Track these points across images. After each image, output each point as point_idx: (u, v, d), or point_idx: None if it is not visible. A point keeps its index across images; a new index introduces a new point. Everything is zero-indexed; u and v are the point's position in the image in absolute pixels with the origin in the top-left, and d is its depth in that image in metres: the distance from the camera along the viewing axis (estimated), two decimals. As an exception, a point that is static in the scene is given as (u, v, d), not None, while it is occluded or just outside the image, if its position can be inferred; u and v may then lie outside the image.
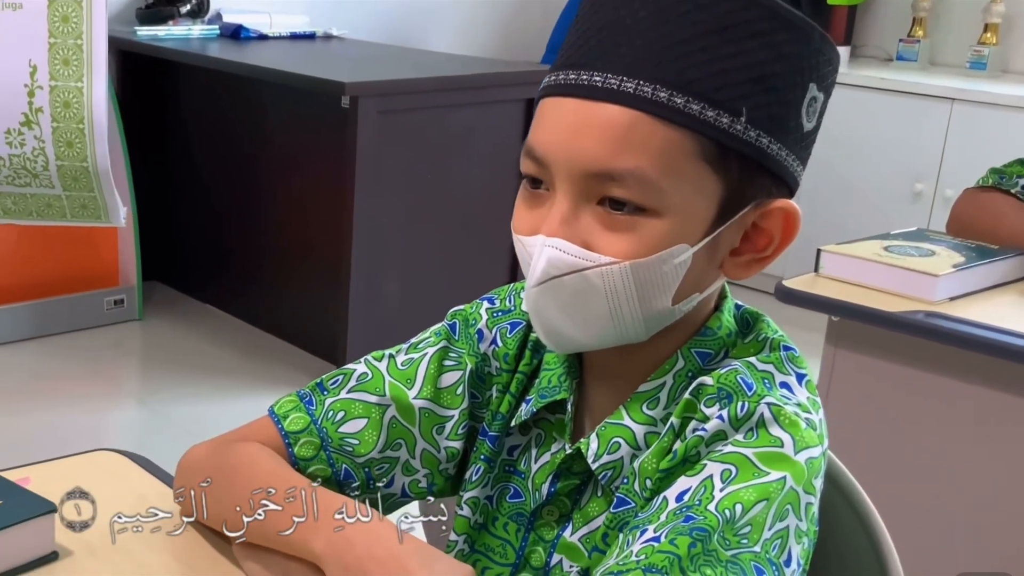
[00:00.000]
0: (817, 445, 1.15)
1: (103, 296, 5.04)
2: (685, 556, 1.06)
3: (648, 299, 1.16)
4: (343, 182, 4.36)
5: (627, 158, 1.12)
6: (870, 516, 1.31)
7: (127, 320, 5.11)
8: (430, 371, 1.38)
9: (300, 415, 1.38)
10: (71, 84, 2.22)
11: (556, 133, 1.16)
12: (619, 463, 1.24)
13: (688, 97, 1.11)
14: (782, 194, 1.20)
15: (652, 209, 1.13)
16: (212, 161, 5.22)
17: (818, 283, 2.50)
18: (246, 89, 4.87)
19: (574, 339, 1.22)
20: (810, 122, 1.19)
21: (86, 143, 2.28)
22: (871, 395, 2.50)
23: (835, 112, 4.37)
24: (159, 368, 4.79)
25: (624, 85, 1.12)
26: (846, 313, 2.42)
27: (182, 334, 5.07)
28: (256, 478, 1.29)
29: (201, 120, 5.26)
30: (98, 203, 2.39)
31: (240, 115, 5.02)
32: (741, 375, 1.19)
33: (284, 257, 4.93)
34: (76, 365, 4.68)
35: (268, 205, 4.98)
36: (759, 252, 1.22)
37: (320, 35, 5.46)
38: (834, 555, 1.32)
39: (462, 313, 1.42)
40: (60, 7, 2.21)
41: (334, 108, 4.29)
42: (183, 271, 5.50)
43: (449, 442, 1.38)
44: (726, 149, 1.13)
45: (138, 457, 1.56)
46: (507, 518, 1.35)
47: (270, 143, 4.89)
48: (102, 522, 1.38)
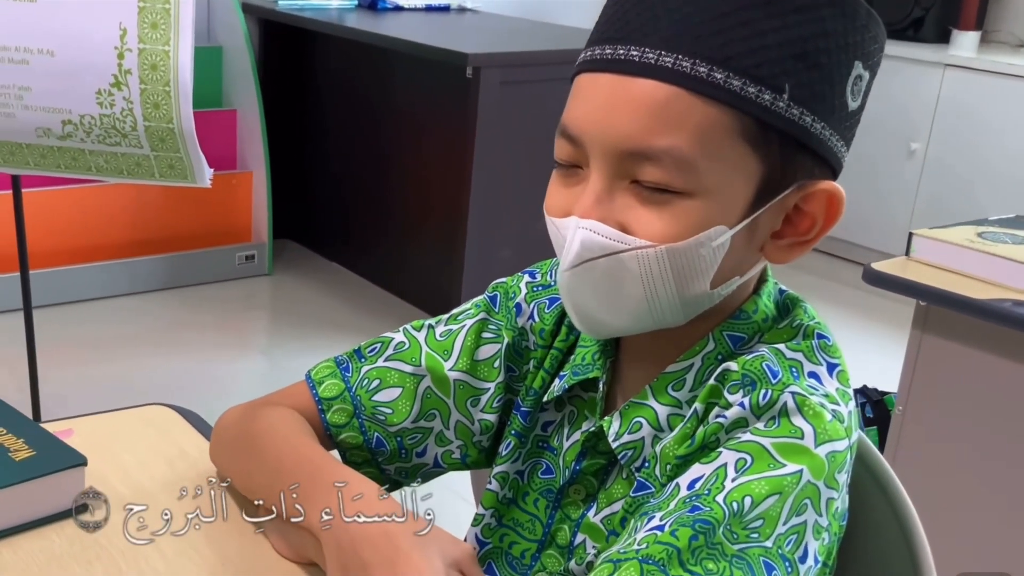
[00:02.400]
0: (842, 439, 1.05)
1: (235, 251, 5.08)
2: (685, 549, 0.97)
3: (685, 283, 1.07)
4: (464, 150, 4.31)
5: (663, 136, 1.02)
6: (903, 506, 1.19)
7: (257, 275, 5.14)
8: (467, 343, 1.31)
9: (335, 381, 1.32)
10: (158, 47, 2.19)
11: (591, 110, 1.07)
12: (640, 444, 1.16)
13: (728, 73, 1.01)
14: (825, 175, 1.09)
15: (689, 191, 1.04)
16: (344, 126, 5.20)
17: (909, 267, 2.38)
18: (377, 58, 4.83)
19: (608, 324, 1.13)
20: (855, 101, 1.08)
21: (172, 105, 2.25)
22: (955, 382, 2.37)
23: (964, 96, 4.25)
24: (284, 322, 4.79)
25: (662, 59, 1.02)
26: (934, 299, 2.30)
27: (308, 290, 5.07)
28: (277, 447, 1.23)
29: (335, 87, 5.25)
30: (184, 163, 2.36)
31: (371, 83, 4.98)
32: (767, 362, 1.09)
33: (406, 220, 4.89)
34: (206, 316, 4.72)
35: (393, 170, 4.94)
36: (801, 235, 1.12)
37: (455, 8, 5.41)
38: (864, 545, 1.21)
39: (503, 286, 1.35)
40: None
41: (459, 78, 4.23)
42: (313, 230, 5.50)
43: (484, 414, 1.31)
44: (767, 127, 1.03)
45: (188, 412, 1.51)
46: (538, 494, 1.28)
47: (398, 110, 4.85)
48: (134, 475, 1.33)
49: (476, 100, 4.20)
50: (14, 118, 2.31)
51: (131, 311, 4.68)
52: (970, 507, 2.38)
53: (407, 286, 4.89)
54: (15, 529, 1.20)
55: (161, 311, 4.72)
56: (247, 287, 5.05)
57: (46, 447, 1.27)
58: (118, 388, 3.88)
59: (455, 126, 4.39)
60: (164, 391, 3.78)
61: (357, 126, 5.10)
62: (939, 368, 2.38)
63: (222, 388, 3.83)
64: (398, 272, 4.97)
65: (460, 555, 1.07)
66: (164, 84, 2.22)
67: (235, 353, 4.43)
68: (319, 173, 5.41)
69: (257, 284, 5.09)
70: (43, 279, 4.51)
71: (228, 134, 5.10)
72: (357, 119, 5.09)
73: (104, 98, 2.26)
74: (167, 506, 1.25)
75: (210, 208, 5.01)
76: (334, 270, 5.29)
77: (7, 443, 1.26)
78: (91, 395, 3.77)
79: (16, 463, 1.22)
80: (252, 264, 5.11)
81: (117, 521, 1.22)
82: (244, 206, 5.11)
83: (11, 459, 1.23)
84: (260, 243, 5.13)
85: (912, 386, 2.42)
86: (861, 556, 1.21)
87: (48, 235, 4.57)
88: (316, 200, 5.45)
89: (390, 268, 5.02)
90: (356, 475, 1.15)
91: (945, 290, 2.26)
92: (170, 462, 1.38)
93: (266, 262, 5.15)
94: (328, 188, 5.38)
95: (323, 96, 5.30)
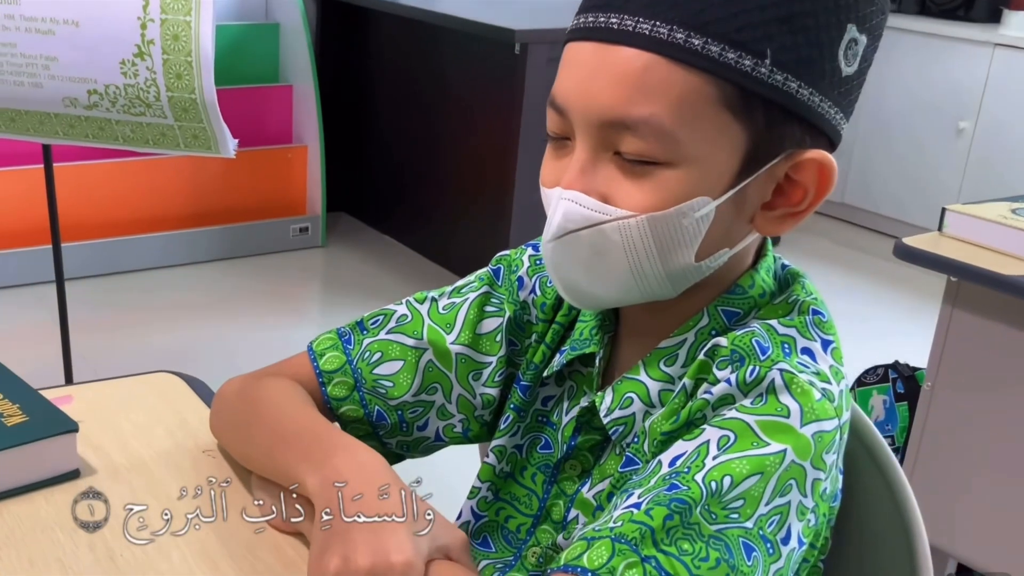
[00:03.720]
0: (831, 418, 0.98)
1: (290, 224, 5.07)
2: (659, 528, 0.91)
3: (668, 254, 1.01)
4: (511, 125, 4.28)
5: (641, 105, 0.96)
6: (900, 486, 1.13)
7: (310, 247, 5.13)
8: (470, 316, 1.26)
9: (336, 354, 1.27)
10: (180, 18, 2.15)
11: (574, 80, 1.01)
12: (631, 419, 1.10)
13: (706, 38, 0.94)
14: (819, 144, 1.02)
15: (670, 161, 0.98)
16: (396, 102, 5.17)
17: (941, 242, 2.31)
18: (429, 34, 4.79)
19: (595, 296, 1.08)
20: (850, 66, 1.00)
21: (194, 76, 2.22)
22: (985, 358, 2.29)
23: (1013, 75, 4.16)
24: (336, 292, 4.78)
25: (640, 26, 0.96)
26: (963, 274, 2.22)
27: (360, 261, 5.04)
28: (275, 418, 1.18)
29: (388, 63, 5.21)
30: (208, 134, 2.32)
31: (422, 59, 4.94)
32: (757, 337, 1.02)
33: (454, 193, 4.85)
34: (260, 286, 4.71)
35: (443, 144, 4.90)
36: (794, 206, 1.05)
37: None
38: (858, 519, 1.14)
39: (507, 258, 1.29)
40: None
41: (507, 54, 4.20)
42: (365, 203, 5.48)
43: (485, 388, 1.25)
44: (749, 94, 0.96)
45: (194, 380, 1.47)
46: (535, 468, 1.23)
47: (448, 86, 4.81)
48: (130, 443, 1.30)
49: (523, 76, 4.17)
50: (41, 88, 2.29)
51: (189, 280, 4.69)
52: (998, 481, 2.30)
53: (455, 258, 4.85)
54: (3, 494, 1.16)
55: (217, 281, 4.72)
56: (301, 258, 5.04)
57: (40, 413, 1.23)
58: (171, 355, 3.88)
59: (503, 102, 4.35)
60: (216, 358, 3.80)
61: (409, 102, 5.07)
62: (969, 344, 2.30)
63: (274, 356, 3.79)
64: (447, 244, 4.94)
65: (451, 541, 1.03)
66: (186, 55, 2.18)
67: (288, 322, 4.40)
68: (372, 147, 5.37)
69: (311, 255, 5.08)
70: (106, 248, 4.56)
71: (284, 109, 5.10)
72: (409, 95, 5.06)
73: (128, 68, 2.22)
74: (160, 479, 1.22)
75: (266, 181, 5.03)
76: (385, 242, 5.27)
77: (2, 408, 1.23)
78: (143, 361, 3.76)
79: (7, 428, 1.19)
80: (306, 236, 5.10)
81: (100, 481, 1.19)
82: (299, 180, 5.10)
83: (3, 424, 1.19)
84: (314, 215, 5.12)
85: (942, 361, 2.34)
86: (855, 537, 1.14)
87: (113, 206, 4.62)
88: (369, 174, 5.42)
89: (439, 240, 5.00)
90: (357, 444, 1.10)
91: (976, 266, 2.19)
92: (170, 431, 1.33)
93: (320, 234, 5.14)
94: (380, 162, 5.34)
95: (376, 72, 5.27)
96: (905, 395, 2.79)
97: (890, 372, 2.85)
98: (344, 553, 0.96)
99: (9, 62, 2.27)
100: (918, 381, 2.75)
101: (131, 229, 4.70)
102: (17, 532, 1.11)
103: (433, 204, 5.01)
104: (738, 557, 0.91)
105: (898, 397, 2.80)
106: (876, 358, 2.96)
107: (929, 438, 2.40)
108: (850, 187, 5.88)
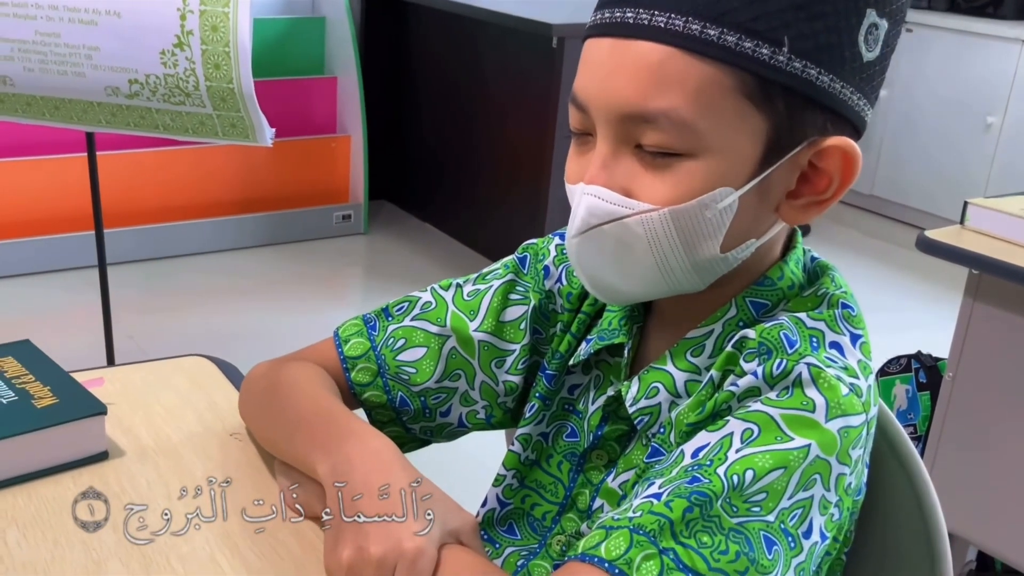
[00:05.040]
0: (858, 413, 0.95)
1: (333, 211, 5.07)
2: (679, 520, 0.88)
3: (693, 246, 0.98)
4: (548, 117, 4.25)
5: (660, 98, 0.93)
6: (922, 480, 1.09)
7: (353, 233, 5.13)
8: (494, 304, 1.23)
9: (361, 340, 1.24)
10: (218, 9, 2.14)
11: (593, 76, 0.98)
12: (656, 409, 1.07)
13: (723, 29, 0.91)
14: (844, 132, 0.98)
15: (691, 152, 0.95)
16: (437, 93, 5.15)
17: (963, 236, 2.27)
18: (469, 28, 4.77)
19: (622, 290, 1.04)
20: (871, 51, 0.96)
21: (232, 66, 2.20)
22: (1005, 349, 2.25)
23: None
24: (377, 277, 4.77)
25: (655, 19, 0.93)
26: (985, 267, 2.18)
27: (401, 247, 5.03)
28: (293, 403, 1.16)
29: (429, 56, 5.19)
30: (245, 123, 2.30)
31: (463, 52, 4.92)
32: (785, 331, 0.99)
33: (492, 183, 4.83)
34: (304, 270, 4.71)
35: (482, 135, 4.87)
36: (819, 194, 1.01)
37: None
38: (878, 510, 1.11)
39: (534, 247, 1.26)
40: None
41: (545, 48, 4.18)
42: (406, 191, 5.47)
43: (508, 376, 1.23)
44: (768, 83, 0.93)
45: (225, 364, 1.46)
46: (561, 456, 1.19)
47: (487, 78, 4.78)
48: (159, 425, 1.28)
49: (560, 69, 4.16)
50: (84, 77, 2.28)
51: (235, 265, 4.70)
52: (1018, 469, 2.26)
53: (492, 245, 4.82)
54: (33, 475, 1.15)
55: (263, 266, 4.72)
56: (344, 244, 5.03)
57: (69, 395, 1.22)
58: (215, 337, 3.88)
59: (540, 94, 4.33)
60: (259, 341, 3.80)
61: (449, 94, 5.05)
62: (990, 335, 2.26)
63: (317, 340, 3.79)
64: (484, 231, 4.93)
65: (461, 525, 1.00)
66: (224, 45, 2.16)
67: (331, 306, 4.39)
68: (413, 138, 5.36)
69: (353, 242, 5.07)
70: (156, 233, 4.58)
71: (328, 100, 5.09)
72: (449, 87, 5.04)
73: (168, 58, 2.21)
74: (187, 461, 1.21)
75: (311, 170, 5.03)
76: (425, 229, 5.25)
77: (33, 390, 1.21)
78: (188, 343, 3.76)
79: (37, 410, 1.18)
80: (349, 223, 5.10)
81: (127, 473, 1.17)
82: (342, 168, 5.10)
83: (33, 406, 1.18)
84: (357, 203, 5.12)
85: (963, 352, 2.30)
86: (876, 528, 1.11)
87: (163, 193, 4.65)
88: (410, 163, 5.40)
89: (477, 228, 4.98)
90: (369, 431, 1.08)
91: (997, 259, 2.15)
92: (199, 414, 1.32)
93: (362, 221, 5.13)
94: (421, 152, 5.33)
95: (418, 65, 5.25)
96: (927, 385, 2.75)
97: (913, 362, 2.81)
98: (357, 543, 0.94)
99: (53, 52, 2.26)
100: (940, 371, 2.71)
101: (181, 215, 4.71)
102: (44, 513, 1.09)
103: (471, 193, 4.99)
104: (758, 550, 0.88)
105: (920, 387, 2.76)
106: (899, 348, 2.92)
107: (950, 427, 2.36)
108: (879, 179, 5.83)
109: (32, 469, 1.15)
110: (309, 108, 5.04)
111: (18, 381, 1.23)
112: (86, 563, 1.02)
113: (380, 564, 0.93)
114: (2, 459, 1.13)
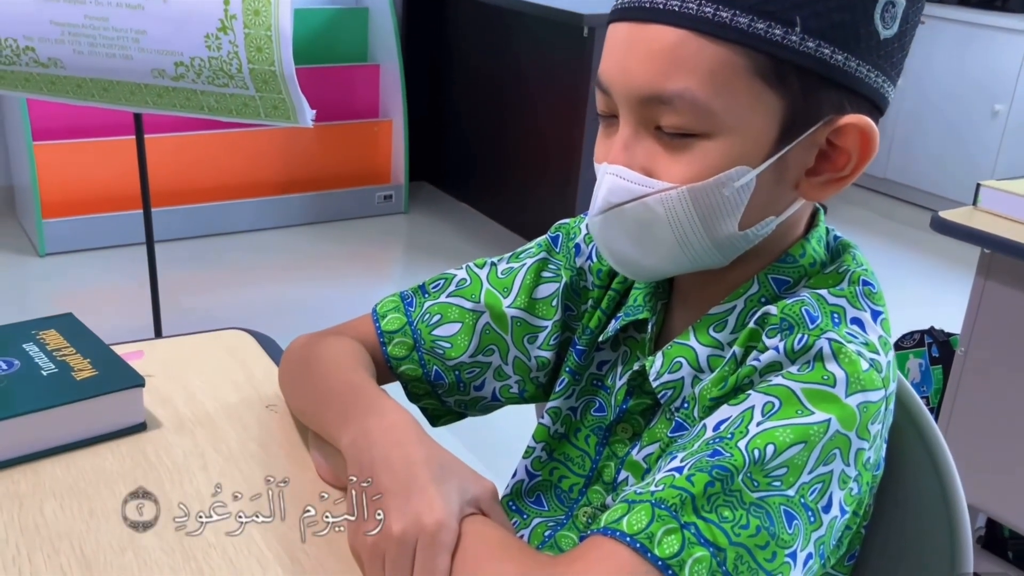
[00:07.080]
0: (878, 388, 0.89)
1: (375, 191, 5.03)
2: (700, 495, 0.83)
3: (712, 224, 0.93)
4: (579, 104, 4.21)
5: (675, 79, 0.89)
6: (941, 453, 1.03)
7: (394, 213, 5.08)
8: (527, 281, 1.18)
9: (398, 315, 1.20)
10: (260, -8, 2.09)
11: (614, 59, 0.94)
12: (679, 384, 1.02)
13: (735, 11, 0.87)
14: (862, 110, 0.92)
15: (708, 132, 0.90)
16: (473, 81, 5.10)
17: (975, 216, 2.20)
18: (505, 18, 4.71)
19: (647, 266, 1.00)
20: (888, 28, 0.90)
21: (273, 49, 2.15)
22: (1015, 325, 2.18)
23: None
24: (417, 255, 4.72)
25: (669, 3, 0.89)
26: (996, 246, 2.12)
27: (439, 227, 4.98)
28: (324, 376, 1.12)
29: (467, 44, 5.14)
30: (287, 105, 2.26)
31: (498, 41, 4.86)
32: (807, 307, 0.93)
33: (527, 166, 4.77)
34: (346, 249, 4.66)
35: (517, 120, 4.81)
36: (838, 171, 0.95)
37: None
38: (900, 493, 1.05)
39: (566, 226, 1.22)
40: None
41: (576, 37, 4.13)
42: (445, 173, 5.43)
43: (540, 351, 1.18)
44: (781, 62, 0.88)
45: (263, 337, 1.41)
46: (589, 430, 1.15)
47: (521, 66, 4.72)
48: (198, 397, 1.24)
49: (591, 57, 4.11)
50: (131, 60, 2.23)
51: (281, 242, 4.66)
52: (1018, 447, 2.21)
53: (527, 224, 4.78)
54: (71, 445, 1.11)
55: (307, 243, 4.68)
56: (385, 224, 4.98)
57: (109, 367, 1.17)
58: (259, 311, 3.86)
59: (572, 81, 4.28)
60: (301, 315, 3.76)
61: (485, 80, 5.00)
62: (1000, 312, 2.20)
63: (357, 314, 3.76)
64: (519, 211, 4.87)
65: (480, 492, 0.95)
66: (266, 29, 2.12)
67: (371, 281, 4.35)
68: (452, 122, 5.31)
69: (394, 221, 5.03)
70: (205, 212, 4.56)
71: (371, 86, 5.05)
72: (485, 74, 4.98)
73: (212, 41, 2.16)
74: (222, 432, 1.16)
75: (354, 152, 4.98)
76: (463, 209, 5.20)
77: (73, 363, 1.17)
78: (233, 316, 3.74)
79: (77, 382, 1.13)
80: (390, 203, 5.06)
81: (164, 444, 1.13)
82: (384, 151, 5.05)
83: (73, 378, 1.14)
84: (398, 184, 5.08)
85: (975, 330, 2.24)
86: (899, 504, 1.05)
87: (213, 174, 4.62)
88: (448, 146, 5.36)
89: (513, 208, 4.93)
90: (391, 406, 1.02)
91: (1008, 238, 2.10)
92: (237, 386, 1.27)
93: (403, 201, 5.09)
94: (459, 136, 5.28)
95: (456, 53, 5.20)
96: (939, 359, 2.69)
97: (926, 337, 2.75)
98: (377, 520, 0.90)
99: (102, 35, 2.22)
100: (952, 346, 2.65)
101: (229, 195, 4.68)
102: (81, 483, 1.05)
103: (507, 175, 4.94)
104: (779, 525, 0.83)
105: (933, 361, 2.70)
106: (913, 323, 2.86)
107: (962, 400, 2.31)
108: (892, 163, 5.77)
109: (70, 440, 1.11)
110: (353, 94, 5.00)
111: (59, 354, 1.19)
112: (121, 534, 0.97)
113: (400, 540, 0.88)
114: (41, 430, 1.09)
